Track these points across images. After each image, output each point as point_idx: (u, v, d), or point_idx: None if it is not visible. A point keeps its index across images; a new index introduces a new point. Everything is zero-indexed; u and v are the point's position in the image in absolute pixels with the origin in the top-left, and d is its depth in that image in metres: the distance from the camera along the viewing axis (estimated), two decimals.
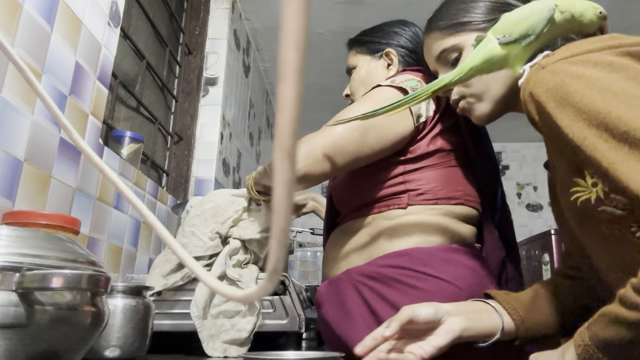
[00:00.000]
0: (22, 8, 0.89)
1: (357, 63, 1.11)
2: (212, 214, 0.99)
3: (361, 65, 1.10)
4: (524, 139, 3.93)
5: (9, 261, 0.47)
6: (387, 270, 0.83)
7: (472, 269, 0.83)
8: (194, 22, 2.13)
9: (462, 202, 0.89)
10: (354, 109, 0.84)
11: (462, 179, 0.90)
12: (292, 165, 0.19)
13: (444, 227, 0.86)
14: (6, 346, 0.45)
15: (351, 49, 1.14)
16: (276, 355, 0.71)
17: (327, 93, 3.18)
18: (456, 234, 0.87)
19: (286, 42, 0.18)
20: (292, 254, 2.27)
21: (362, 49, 1.11)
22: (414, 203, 0.87)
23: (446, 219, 0.87)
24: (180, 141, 1.96)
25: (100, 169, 0.40)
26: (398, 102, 0.73)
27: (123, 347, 0.73)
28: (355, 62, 1.12)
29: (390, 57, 1.07)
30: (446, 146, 0.90)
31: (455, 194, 0.88)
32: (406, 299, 0.80)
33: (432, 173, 0.89)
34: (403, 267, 0.82)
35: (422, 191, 0.88)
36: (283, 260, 0.22)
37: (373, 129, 0.83)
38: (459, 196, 0.88)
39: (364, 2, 2.31)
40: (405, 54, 1.07)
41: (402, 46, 1.08)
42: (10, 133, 0.86)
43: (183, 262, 0.32)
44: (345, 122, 0.79)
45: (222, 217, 0.98)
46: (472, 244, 0.89)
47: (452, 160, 0.90)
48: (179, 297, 0.96)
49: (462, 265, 0.83)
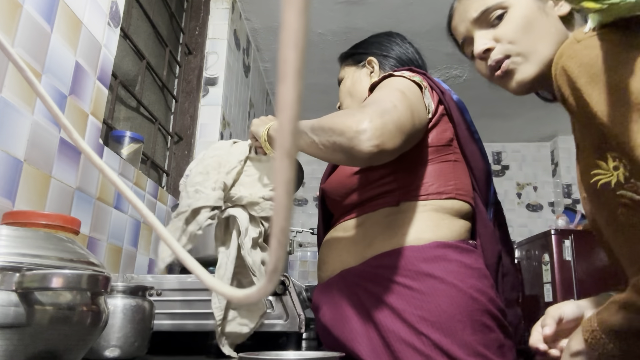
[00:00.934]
0: (22, 8, 0.89)
1: (344, 75, 1.14)
2: (215, 167, 0.91)
3: (347, 77, 1.13)
4: (524, 139, 3.93)
5: (9, 261, 0.47)
6: (381, 270, 0.83)
7: (468, 266, 0.83)
8: (194, 22, 2.13)
9: (452, 196, 0.88)
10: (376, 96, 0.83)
11: (453, 174, 0.90)
12: (291, 164, 0.19)
13: (436, 223, 0.86)
14: (6, 346, 0.45)
15: (341, 64, 1.18)
16: (276, 355, 0.71)
17: (327, 93, 3.18)
18: (449, 229, 0.86)
19: (286, 42, 0.18)
20: (292, 254, 2.27)
21: (348, 61, 1.15)
22: (405, 199, 0.87)
23: (438, 215, 0.87)
24: (180, 141, 1.96)
25: (100, 169, 0.40)
26: None
27: (123, 347, 0.73)
28: (343, 74, 1.15)
29: (372, 65, 1.09)
30: (438, 141, 0.90)
31: (446, 188, 0.88)
32: (401, 300, 0.80)
33: (423, 168, 0.89)
34: (396, 266, 0.82)
35: (413, 187, 0.88)
36: (283, 260, 0.22)
37: (415, 112, 0.82)
38: (449, 190, 0.88)
39: (364, 2, 2.31)
40: (391, 62, 1.09)
41: (385, 55, 1.10)
42: (10, 133, 0.86)
43: (183, 262, 0.32)
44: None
45: (225, 167, 0.91)
46: (466, 240, 0.89)
47: (443, 155, 0.91)
48: (179, 297, 0.96)
49: (457, 262, 0.82)
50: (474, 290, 0.80)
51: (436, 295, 0.79)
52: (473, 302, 0.80)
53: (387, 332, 0.79)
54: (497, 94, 3.16)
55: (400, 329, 0.79)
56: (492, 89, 0.89)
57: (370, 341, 0.81)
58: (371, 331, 0.81)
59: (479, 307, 0.80)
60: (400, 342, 0.78)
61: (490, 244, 0.90)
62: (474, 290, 0.80)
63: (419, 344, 0.77)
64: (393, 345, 0.78)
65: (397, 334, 0.78)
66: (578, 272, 2.50)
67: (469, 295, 0.80)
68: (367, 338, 0.81)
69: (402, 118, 0.77)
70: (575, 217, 3.04)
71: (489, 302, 0.81)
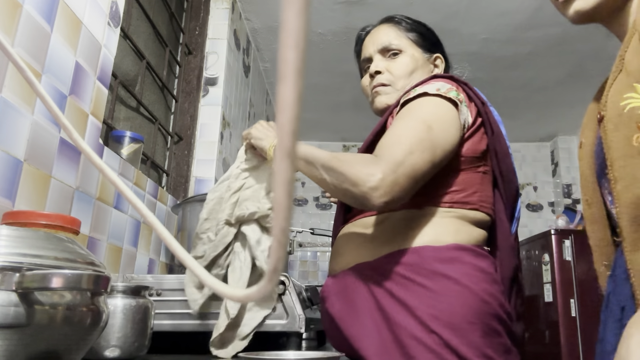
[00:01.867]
0: (22, 8, 0.89)
1: (406, 49, 1.05)
2: (216, 209, 0.96)
3: (410, 55, 1.05)
4: (524, 139, 3.93)
5: (9, 261, 0.47)
6: (396, 267, 0.83)
7: (481, 270, 0.83)
8: (194, 22, 2.13)
9: (477, 207, 0.89)
10: (396, 134, 0.83)
11: (480, 185, 0.90)
12: (291, 164, 0.19)
13: (457, 228, 0.86)
14: (6, 346, 0.45)
15: (398, 27, 1.08)
16: (276, 355, 0.71)
17: (327, 93, 3.18)
18: (467, 235, 0.87)
19: (286, 42, 0.18)
20: (292, 254, 2.27)
21: (417, 38, 1.07)
22: (430, 204, 0.87)
23: (459, 222, 0.87)
24: (180, 141, 1.96)
25: (100, 169, 0.40)
26: None
27: (123, 347, 0.73)
28: (403, 46, 1.06)
29: (437, 65, 1.08)
30: (472, 153, 0.90)
31: (471, 199, 0.88)
32: (414, 298, 0.80)
33: (452, 176, 0.88)
34: (412, 264, 0.82)
35: (439, 193, 0.88)
36: (283, 260, 0.22)
37: (439, 147, 0.82)
38: (474, 201, 0.88)
39: (364, 2, 2.31)
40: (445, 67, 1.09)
41: (448, 65, 1.10)
42: (10, 133, 0.86)
43: (183, 262, 0.32)
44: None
45: (225, 203, 0.95)
46: (481, 245, 0.89)
47: (474, 166, 0.90)
48: (179, 297, 0.96)
49: (471, 265, 0.82)
50: (486, 293, 0.81)
51: (449, 296, 0.79)
52: (484, 305, 0.80)
53: (398, 328, 0.80)
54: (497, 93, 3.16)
55: (412, 325, 0.79)
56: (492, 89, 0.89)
57: (380, 336, 0.81)
58: (382, 326, 0.82)
59: (490, 311, 0.80)
60: (411, 338, 0.78)
61: (509, 258, 0.90)
62: (486, 294, 0.80)
63: (429, 342, 0.77)
64: (403, 341, 0.79)
65: (409, 330, 0.79)
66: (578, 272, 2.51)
67: (480, 298, 0.80)
68: (377, 333, 0.82)
69: (417, 166, 0.78)
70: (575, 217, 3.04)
71: (499, 307, 0.82)
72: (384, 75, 1.04)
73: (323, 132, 3.88)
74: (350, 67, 3.09)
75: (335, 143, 4.07)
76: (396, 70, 1.04)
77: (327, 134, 3.92)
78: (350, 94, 3.10)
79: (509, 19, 2.45)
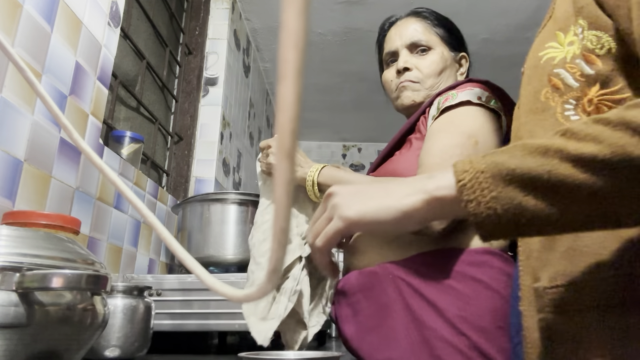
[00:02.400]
0: (22, 8, 0.89)
1: (435, 46, 1.03)
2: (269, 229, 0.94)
3: (440, 53, 1.03)
4: None
5: (9, 261, 0.47)
6: (426, 268, 0.82)
7: (509, 275, 0.83)
8: (194, 22, 2.13)
9: None
10: (437, 152, 0.82)
11: None
12: (292, 164, 0.19)
13: None
14: (6, 346, 0.45)
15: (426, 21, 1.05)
16: (276, 355, 0.71)
17: (327, 93, 3.18)
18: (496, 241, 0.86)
19: (286, 42, 0.18)
20: None
21: (446, 36, 1.04)
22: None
23: None
24: (180, 141, 1.96)
25: (100, 169, 0.40)
26: None
27: (123, 347, 0.73)
28: (432, 43, 1.03)
29: (463, 64, 1.07)
30: None
31: None
32: (444, 300, 0.79)
33: None
34: (442, 266, 0.82)
35: None
36: (283, 260, 0.22)
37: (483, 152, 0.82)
38: None
39: (364, 2, 2.31)
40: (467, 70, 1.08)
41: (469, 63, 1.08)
42: (10, 133, 0.86)
43: (183, 262, 0.32)
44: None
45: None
46: (506, 251, 0.89)
47: None
48: (179, 297, 0.96)
49: (499, 270, 0.82)
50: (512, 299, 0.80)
51: (479, 299, 0.79)
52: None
53: (427, 329, 0.79)
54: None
55: (442, 327, 0.78)
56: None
57: (408, 336, 0.81)
58: (410, 326, 0.81)
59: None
60: (440, 340, 0.78)
61: None
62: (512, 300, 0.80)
63: (459, 344, 0.77)
64: (432, 342, 0.78)
65: (438, 332, 0.78)
66: None
67: (510, 304, 0.80)
68: (405, 333, 0.81)
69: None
70: None
71: None
72: (412, 73, 1.01)
73: (323, 132, 3.88)
74: (350, 67, 3.11)
75: (335, 143, 4.07)
76: (426, 69, 1.01)
77: (327, 134, 3.92)
78: (350, 94, 3.11)
79: (509, 19, 2.45)
